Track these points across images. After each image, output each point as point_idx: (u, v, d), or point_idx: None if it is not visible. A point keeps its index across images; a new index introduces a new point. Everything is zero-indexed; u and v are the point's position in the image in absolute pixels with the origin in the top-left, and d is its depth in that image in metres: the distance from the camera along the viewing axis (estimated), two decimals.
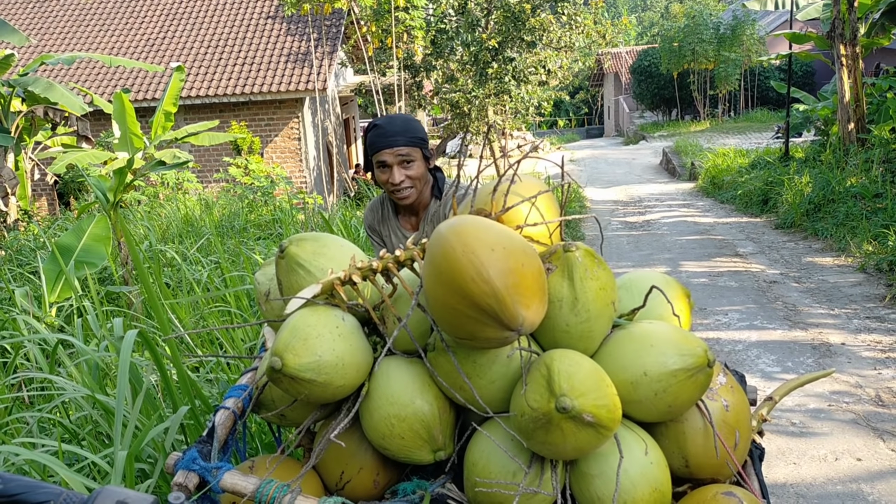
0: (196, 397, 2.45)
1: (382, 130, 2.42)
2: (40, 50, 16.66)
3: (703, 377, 1.37)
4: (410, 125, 2.45)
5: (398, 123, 2.44)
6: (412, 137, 2.43)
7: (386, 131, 2.41)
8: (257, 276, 1.88)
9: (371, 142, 2.45)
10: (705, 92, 30.10)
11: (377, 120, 2.47)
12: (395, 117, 2.47)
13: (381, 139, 2.41)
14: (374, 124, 2.46)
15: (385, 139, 2.41)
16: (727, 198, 13.04)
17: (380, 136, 2.41)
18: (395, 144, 2.40)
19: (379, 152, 2.42)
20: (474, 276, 1.23)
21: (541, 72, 17.27)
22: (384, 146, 2.41)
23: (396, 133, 2.41)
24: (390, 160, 2.41)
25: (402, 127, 2.43)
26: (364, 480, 1.56)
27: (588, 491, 1.39)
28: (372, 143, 2.45)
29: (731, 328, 5.96)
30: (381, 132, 2.42)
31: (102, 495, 0.85)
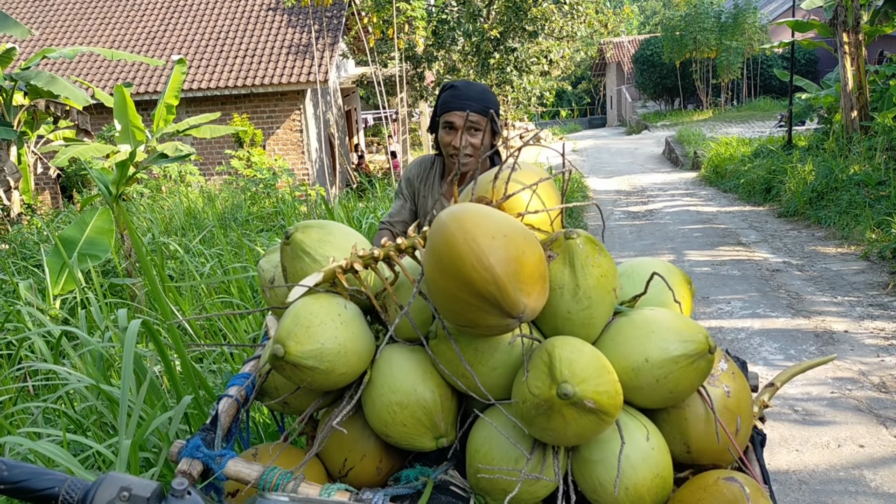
0: (200, 387, 2.46)
1: (458, 92, 2.42)
2: (42, 44, 16.65)
3: (705, 363, 1.37)
4: (486, 94, 2.45)
5: (475, 89, 2.44)
6: (485, 106, 2.43)
7: (461, 93, 2.41)
8: (261, 264, 1.89)
9: (444, 101, 2.44)
10: (708, 81, 30.00)
11: (455, 81, 2.46)
12: (474, 84, 2.46)
13: (455, 100, 2.40)
14: (451, 84, 2.45)
15: (458, 101, 2.40)
16: (730, 187, 13.02)
17: (455, 97, 2.41)
18: (468, 108, 2.40)
19: (449, 112, 2.42)
20: (475, 263, 1.23)
21: (543, 62, 17.23)
22: (456, 107, 2.41)
23: (471, 98, 2.40)
24: (458, 123, 2.41)
25: (479, 94, 2.43)
26: (367, 467, 1.56)
27: (590, 477, 1.39)
28: (444, 103, 2.44)
29: (734, 316, 5.96)
30: (456, 93, 2.41)
31: (106, 482, 0.85)
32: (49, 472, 0.87)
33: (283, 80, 15.06)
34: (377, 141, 24.51)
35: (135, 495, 0.84)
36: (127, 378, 2.00)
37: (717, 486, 1.35)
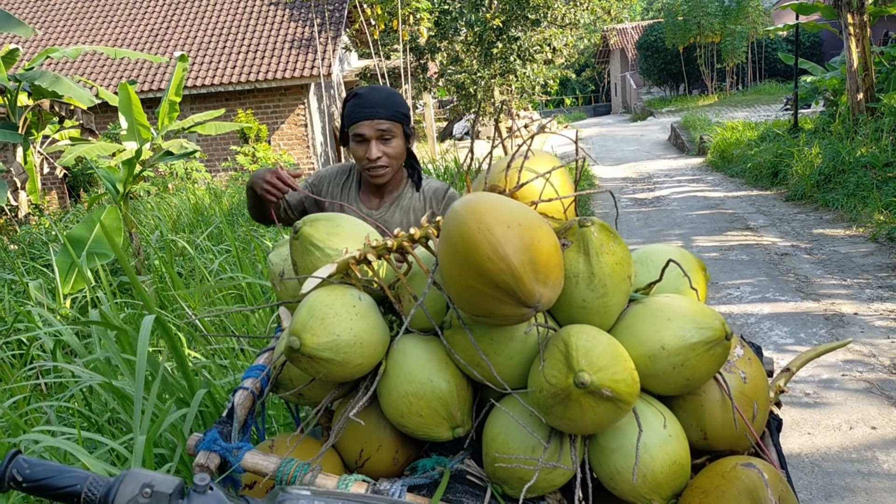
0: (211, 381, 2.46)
1: (363, 100, 2.22)
2: (45, 44, 16.67)
3: (721, 350, 1.36)
4: (394, 98, 2.26)
5: (381, 94, 2.24)
6: (395, 111, 2.24)
7: (367, 101, 2.20)
8: (271, 258, 1.89)
9: (349, 112, 2.24)
10: (712, 66, 29.85)
11: (359, 89, 2.26)
12: (379, 88, 2.27)
13: (361, 110, 2.21)
14: (354, 93, 2.26)
15: (365, 110, 2.20)
16: (737, 171, 12.97)
17: (360, 106, 2.21)
18: (375, 116, 2.20)
19: (357, 124, 2.22)
20: (490, 253, 1.23)
21: (546, 50, 17.16)
22: (363, 117, 2.21)
23: (378, 104, 2.20)
24: (369, 133, 2.21)
25: (385, 99, 2.23)
26: (383, 458, 1.56)
27: (607, 464, 1.39)
28: (350, 114, 2.24)
29: (743, 301, 5.95)
30: (361, 102, 2.22)
31: (128, 478, 0.85)
32: (71, 470, 0.87)
33: (286, 74, 15.04)
34: None
35: (157, 492, 0.84)
36: (141, 375, 2.00)
37: (735, 472, 1.35)
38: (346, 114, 2.26)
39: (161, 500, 0.84)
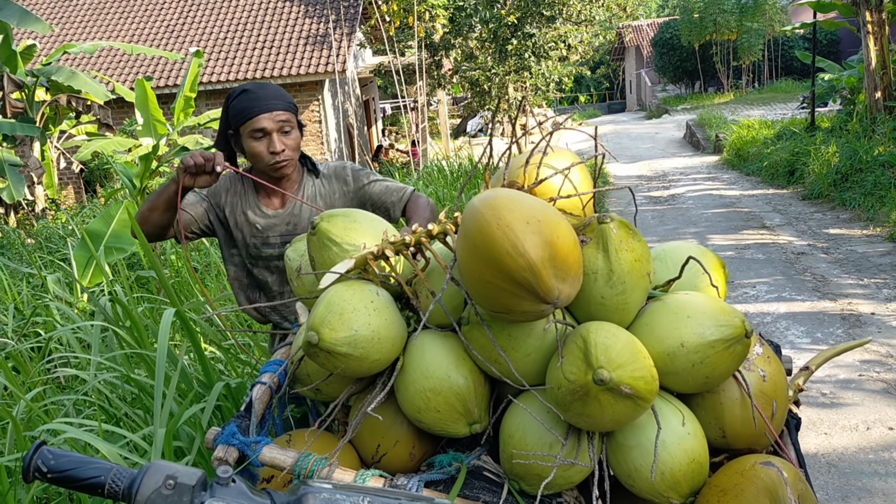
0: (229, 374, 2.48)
1: (255, 95, 2.19)
2: (62, 39, 16.78)
3: (741, 348, 1.36)
4: (283, 91, 2.27)
5: (272, 88, 2.24)
6: (289, 103, 2.25)
7: (260, 95, 2.19)
8: (288, 253, 1.89)
9: (242, 108, 2.19)
10: (728, 63, 29.65)
11: (245, 85, 2.24)
12: (265, 84, 2.26)
13: (258, 103, 2.17)
14: (242, 89, 2.22)
15: (262, 103, 2.17)
16: (753, 170, 12.88)
17: (254, 100, 2.18)
18: (274, 108, 2.18)
19: (255, 118, 2.17)
20: (510, 249, 1.22)
21: (561, 47, 17.10)
22: (262, 110, 2.17)
23: (273, 97, 2.20)
24: (270, 126, 2.19)
25: (277, 92, 2.24)
26: (400, 453, 1.57)
27: (625, 462, 1.39)
28: (244, 110, 2.18)
29: (760, 300, 5.91)
30: (254, 96, 2.19)
31: (152, 470, 0.86)
32: (95, 461, 0.88)
33: (300, 70, 15.08)
34: (395, 130, 24.51)
35: (180, 483, 0.85)
36: (161, 368, 2.02)
37: (754, 470, 1.34)
38: (237, 111, 2.19)
39: (184, 492, 0.84)
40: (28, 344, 3.71)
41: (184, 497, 0.84)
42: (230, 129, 2.24)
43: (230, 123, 2.23)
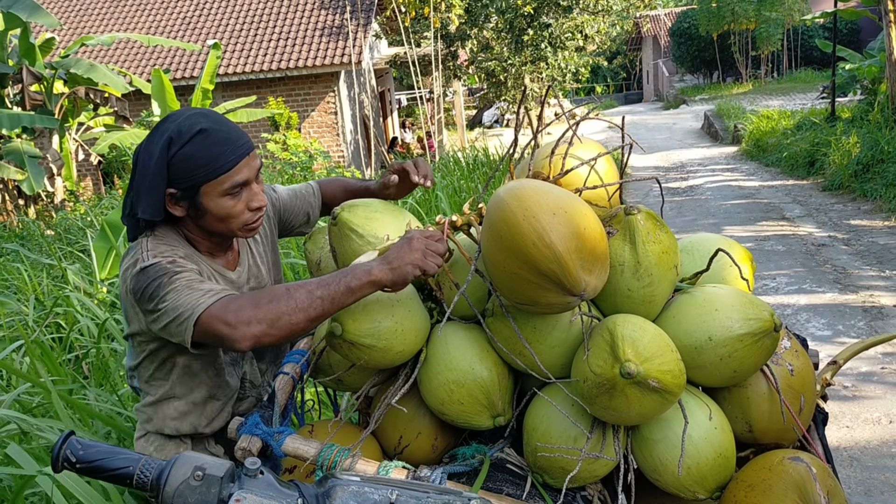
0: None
1: (222, 135, 1.53)
2: (80, 32, 16.87)
3: (770, 342, 1.34)
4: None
5: (227, 121, 1.59)
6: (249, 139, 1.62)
7: (229, 135, 1.54)
8: (307, 246, 1.89)
9: (213, 157, 1.51)
10: (747, 53, 29.36)
11: (200, 123, 1.52)
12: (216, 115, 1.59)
13: (232, 147, 1.52)
14: (198, 129, 1.51)
15: (237, 145, 1.53)
16: (772, 161, 12.76)
17: (226, 143, 1.52)
18: (248, 148, 1.56)
19: (235, 168, 1.53)
20: (536, 240, 1.21)
21: (577, 37, 17.00)
22: (241, 155, 1.54)
23: (239, 133, 1.57)
24: (251, 176, 1.56)
25: (234, 125, 1.59)
26: (422, 445, 1.56)
27: (651, 456, 1.37)
28: (216, 159, 1.51)
29: (780, 292, 5.86)
30: (222, 137, 1.52)
31: (180, 461, 0.86)
32: (124, 452, 0.88)
33: (316, 62, 15.07)
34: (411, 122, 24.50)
35: (208, 475, 0.85)
36: None
37: (782, 465, 1.33)
38: (206, 162, 1.50)
39: (212, 484, 0.84)
40: (50, 334, 3.74)
41: (212, 488, 0.84)
42: (176, 188, 1.52)
43: (181, 181, 1.51)
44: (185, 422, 1.69)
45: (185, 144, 1.50)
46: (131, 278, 1.51)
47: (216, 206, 1.54)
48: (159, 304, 1.45)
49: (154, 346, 1.64)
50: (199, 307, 1.40)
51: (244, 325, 1.37)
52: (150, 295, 1.47)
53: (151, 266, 1.49)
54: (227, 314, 1.38)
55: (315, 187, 1.97)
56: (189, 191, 1.53)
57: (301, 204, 1.92)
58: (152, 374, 1.68)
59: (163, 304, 1.45)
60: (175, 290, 1.45)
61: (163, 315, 1.45)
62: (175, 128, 1.52)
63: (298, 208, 1.92)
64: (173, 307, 1.43)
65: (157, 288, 1.46)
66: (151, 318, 1.48)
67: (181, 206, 1.56)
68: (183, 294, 1.44)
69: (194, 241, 1.64)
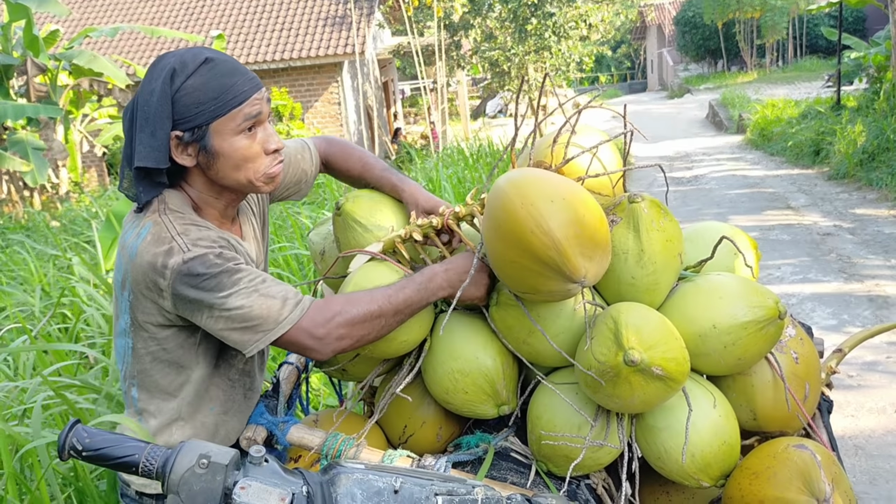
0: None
1: (233, 65, 1.38)
2: (83, 23, 16.85)
3: (774, 329, 1.34)
4: None
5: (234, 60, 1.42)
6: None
7: (234, 65, 1.39)
8: (311, 236, 1.89)
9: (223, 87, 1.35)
10: (752, 42, 29.24)
11: (205, 53, 1.38)
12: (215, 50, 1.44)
13: (243, 78, 1.37)
14: (206, 58, 1.36)
15: (248, 77, 1.39)
16: (777, 150, 12.72)
17: (235, 72, 1.37)
18: (259, 84, 1.41)
19: (249, 101, 1.37)
20: (534, 228, 1.21)
21: (581, 26, 16.93)
22: (254, 87, 1.39)
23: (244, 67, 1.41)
24: (266, 111, 1.41)
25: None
26: (427, 434, 1.57)
27: (654, 444, 1.37)
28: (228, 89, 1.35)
29: (785, 282, 5.85)
30: (231, 67, 1.37)
31: (185, 448, 0.86)
32: (129, 440, 0.88)
33: (319, 52, 15.04)
34: (414, 112, 24.45)
35: (213, 462, 0.85)
36: None
37: (787, 453, 1.33)
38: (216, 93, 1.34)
39: (217, 471, 0.84)
40: (56, 325, 3.75)
41: (217, 476, 0.84)
42: (183, 129, 1.35)
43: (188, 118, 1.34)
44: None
45: (192, 76, 1.34)
46: (173, 271, 1.31)
47: (230, 147, 1.37)
48: (222, 304, 1.30)
49: (170, 344, 1.41)
50: (284, 322, 1.31)
51: (335, 340, 1.32)
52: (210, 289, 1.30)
53: (197, 259, 1.31)
54: (317, 328, 1.32)
55: (312, 149, 1.73)
56: (198, 131, 1.35)
57: (295, 171, 1.69)
58: (158, 385, 1.44)
59: (228, 306, 1.30)
60: (242, 293, 1.31)
61: (227, 319, 1.31)
62: (177, 59, 1.35)
63: (291, 175, 1.68)
64: (245, 315, 1.31)
65: (216, 286, 1.30)
66: (207, 314, 1.32)
67: (190, 153, 1.37)
68: (255, 301, 1.31)
69: (205, 206, 1.45)
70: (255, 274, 1.35)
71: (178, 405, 1.44)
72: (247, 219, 1.58)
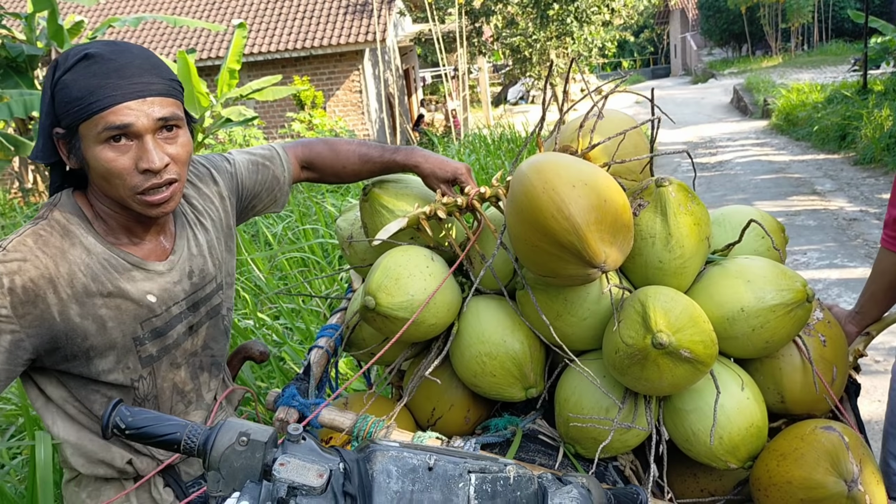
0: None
1: (119, 65, 1.23)
2: (107, 13, 16.99)
3: (802, 312, 1.34)
4: (158, 60, 1.30)
5: (139, 55, 1.27)
6: (171, 81, 1.30)
7: (121, 65, 1.23)
8: (339, 223, 1.91)
9: (85, 90, 1.21)
10: (777, 25, 28.83)
11: (89, 47, 1.25)
12: (127, 45, 1.29)
13: (122, 81, 1.23)
14: (83, 54, 1.24)
15: (132, 81, 1.23)
16: (803, 135, 12.57)
17: (114, 73, 1.22)
18: (148, 91, 1.25)
19: (112, 108, 1.22)
20: (555, 212, 1.22)
21: (604, 11, 16.78)
22: (133, 93, 1.23)
23: (143, 69, 1.25)
24: (142, 123, 1.23)
25: (149, 61, 1.28)
26: (455, 417, 1.59)
27: (682, 426, 1.38)
28: (92, 92, 1.21)
29: (811, 267, 5.80)
30: (113, 67, 1.23)
31: (225, 427, 0.89)
32: (171, 419, 0.91)
33: (341, 40, 15.05)
34: (435, 99, 24.42)
35: (253, 440, 0.87)
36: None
37: (814, 435, 1.33)
38: (75, 96, 1.22)
39: (257, 448, 0.87)
40: None
41: (256, 453, 0.87)
42: (58, 127, 1.26)
43: (61, 115, 1.24)
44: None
45: (68, 71, 1.23)
46: None
47: (94, 156, 1.24)
48: None
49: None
50: None
51: None
52: None
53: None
54: None
55: (281, 153, 1.63)
56: (70, 131, 1.24)
57: (264, 179, 1.60)
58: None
59: None
60: None
61: None
62: (66, 52, 1.26)
63: (260, 185, 1.60)
64: None
65: None
66: None
67: (66, 153, 1.28)
68: None
69: (105, 217, 1.32)
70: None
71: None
72: (189, 232, 1.45)
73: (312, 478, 0.84)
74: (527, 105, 24.14)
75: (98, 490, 1.39)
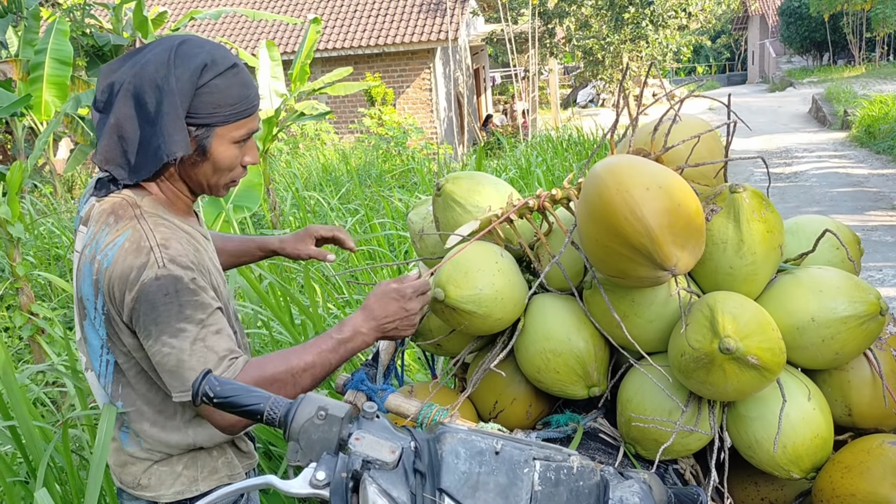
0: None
1: (249, 76, 1.41)
2: (189, 5, 17.53)
3: (874, 325, 1.33)
4: None
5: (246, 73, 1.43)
6: None
7: (251, 77, 1.42)
8: (410, 216, 1.96)
9: (239, 98, 1.37)
10: (861, 34, 27.83)
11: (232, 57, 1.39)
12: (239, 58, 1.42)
13: (255, 92, 1.42)
14: (234, 63, 1.38)
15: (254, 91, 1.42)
16: (884, 148, 12.12)
17: (251, 85, 1.40)
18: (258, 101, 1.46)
19: (253, 116, 1.42)
20: (628, 214, 1.23)
21: (681, 15, 16.50)
22: (258, 104, 1.45)
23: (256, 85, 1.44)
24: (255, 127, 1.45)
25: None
26: (517, 411, 1.62)
27: (745, 433, 1.38)
28: (243, 99, 1.38)
29: (886, 284, 5.62)
30: (249, 79, 1.40)
31: (306, 401, 0.94)
32: (255, 391, 0.97)
33: (413, 38, 15.19)
34: (503, 100, 24.39)
35: (331, 415, 0.92)
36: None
37: (881, 449, 1.32)
38: (233, 100, 1.36)
39: (334, 423, 0.92)
40: None
41: (334, 427, 0.92)
42: (194, 124, 1.35)
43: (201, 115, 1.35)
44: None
45: (219, 76, 1.34)
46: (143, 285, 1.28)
47: (222, 153, 1.39)
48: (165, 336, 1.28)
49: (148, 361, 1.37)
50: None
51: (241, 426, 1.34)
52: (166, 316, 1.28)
53: (170, 279, 1.29)
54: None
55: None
56: (205, 129, 1.36)
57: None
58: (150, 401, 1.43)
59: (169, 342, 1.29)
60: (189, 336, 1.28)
61: (164, 354, 1.29)
62: (208, 55, 1.34)
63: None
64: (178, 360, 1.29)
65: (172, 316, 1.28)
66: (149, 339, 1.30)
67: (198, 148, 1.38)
68: (197, 349, 1.29)
69: (175, 201, 1.45)
70: (213, 320, 1.33)
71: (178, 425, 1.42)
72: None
73: (385, 453, 0.88)
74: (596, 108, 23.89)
75: (194, 459, 1.46)
